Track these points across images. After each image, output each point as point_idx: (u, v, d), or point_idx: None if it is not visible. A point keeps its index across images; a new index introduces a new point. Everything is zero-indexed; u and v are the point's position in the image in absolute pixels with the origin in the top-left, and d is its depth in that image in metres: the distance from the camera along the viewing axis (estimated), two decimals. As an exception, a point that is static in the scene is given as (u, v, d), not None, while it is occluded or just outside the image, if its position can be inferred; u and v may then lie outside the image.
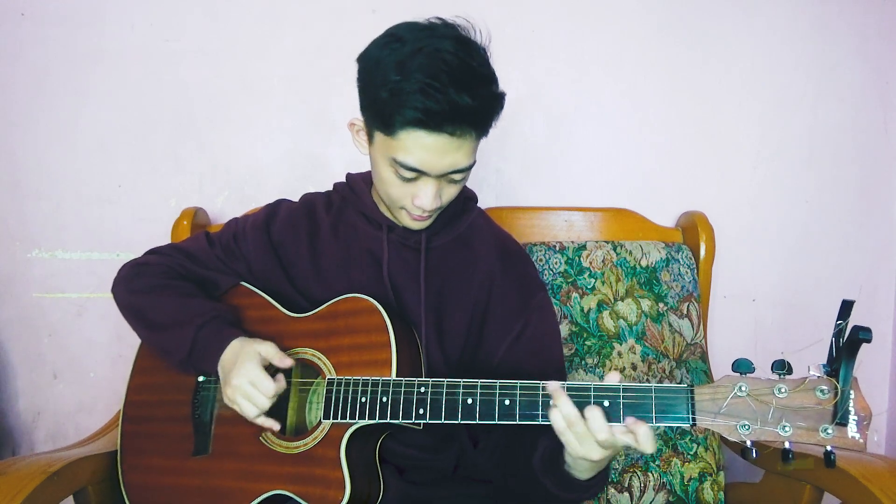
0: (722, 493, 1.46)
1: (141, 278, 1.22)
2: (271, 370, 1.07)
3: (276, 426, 1.07)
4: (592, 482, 1.01)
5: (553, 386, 0.93)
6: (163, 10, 1.72)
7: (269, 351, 1.08)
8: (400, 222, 1.14)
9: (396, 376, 1.03)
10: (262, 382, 1.05)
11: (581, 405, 0.92)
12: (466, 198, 1.22)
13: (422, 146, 0.97)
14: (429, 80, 0.93)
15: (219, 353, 1.11)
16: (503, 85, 1.68)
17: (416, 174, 1.01)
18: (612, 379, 0.93)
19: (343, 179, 1.27)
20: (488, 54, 1.02)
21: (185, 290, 1.20)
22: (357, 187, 1.22)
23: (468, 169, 1.04)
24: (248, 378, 1.05)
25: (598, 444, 0.90)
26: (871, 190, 1.78)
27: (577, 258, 1.57)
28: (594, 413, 0.90)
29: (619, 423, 0.90)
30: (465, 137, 0.98)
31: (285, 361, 1.08)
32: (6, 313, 1.82)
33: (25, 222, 1.79)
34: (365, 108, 1.04)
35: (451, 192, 1.08)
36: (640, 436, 0.89)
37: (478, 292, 1.18)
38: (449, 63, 0.94)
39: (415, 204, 1.05)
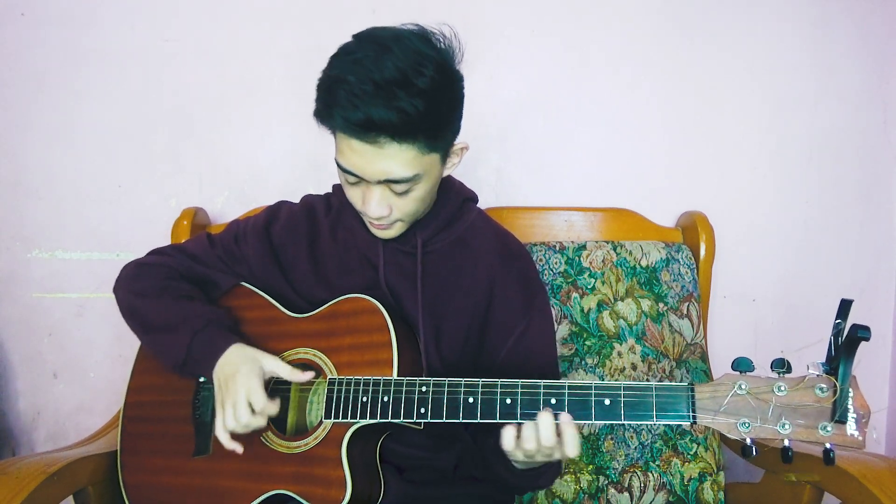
0: (722, 493, 1.46)
1: (141, 279, 1.22)
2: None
3: (238, 449, 1.06)
4: (542, 470, 1.08)
5: (564, 418, 0.95)
6: (163, 10, 1.72)
7: (276, 367, 1.09)
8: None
9: (398, 376, 1.04)
10: (255, 396, 1.05)
11: (581, 404, 0.94)
12: (465, 199, 1.22)
13: (351, 150, 0.99)
14: (352, 90, 0.94)
15: (214, 359, 1.11)
16: (504, 85, 1.71)
17: (356, 178, 1.02)
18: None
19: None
20: (454, 62, 1.01)
21: (184, 293, 1.20)
22: None
23: (408, 181, 1.01)
24: (245, 388, 1.05)
25: (542, 449, 0.95)
26: (871, 190, 1.78)
27: (577, 258, 1.57)
28: (546, 419, 0.94)
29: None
30: (390, 147, 0.97)
31: (297, 376, 1.08)
32: (6, 313, 1.82)
33: (25, 222, 1.79)
34: None
35: (403, 205, 1.05)
36: (566, 435, 0.93)
37: (478, 293, 1.18)
38: (381, 71, 0.93)
39: (363, 209, 1.05)
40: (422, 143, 0.98)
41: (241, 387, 1.05)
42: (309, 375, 1.09)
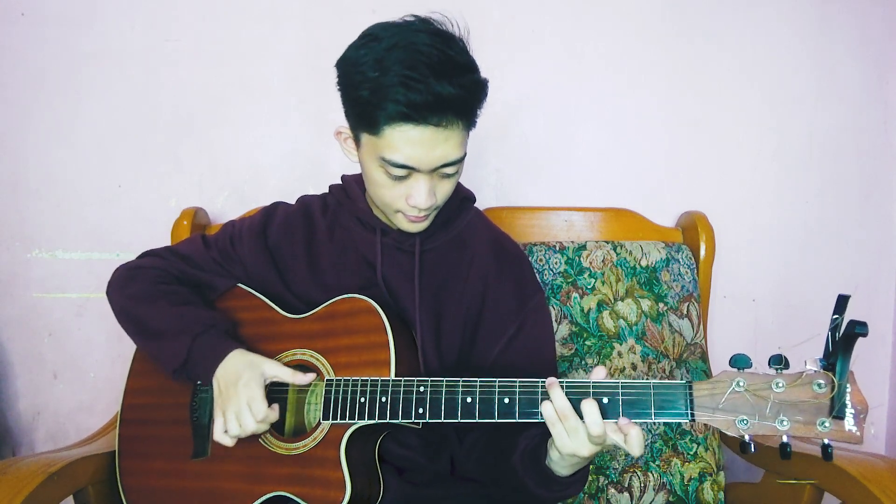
0: (722, 493, 1.46)
1: (135, 283, 1.21)
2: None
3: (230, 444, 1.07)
4: (573, 479, 1.02)
5: (551, 381, 0.93)
6: (163, 10, 1.72)
7: (277, 372, 1.08)
8: (396, 226, 1.13)
9: (395, 376, 1.03)
10: (256, 404, 1.04)
11: (579, 401, 0.92)
12: (463, 198, 1.21)
13: (408, 141, 0.96)
14: (408, 73, 0.92)
15: (214, 365, 1.10)
16: (504, 85, 1.71)
17: (406, 171, 1.00)
18: (599, 375, 0.94)
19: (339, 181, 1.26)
20: (467, 45, 1.02)
21: (181, 298, 1.19)
22: (351, 190, 1.20)
23: (459, 162, 1.02)
24: (246, 396, 1.05)
25: (590, 438, 0.91)
26: (871, 190, 1.78)
27: (577, 258, 1.57)
28: (591, 407, 0.90)
29: (611, 421, 0.91)
30: (452, 128, 0.97)
31: (298, 378, 1.08)
32: (6, 313, 1.82)
33: (25, 222, 1.79)
34: (348, 111, 1.04)
35: (444, 188, 1.06)
36: (632, 437, 0.89)
37: (472, 294, 1.17)
38: (427, 54, 0.93)
39: (409, 204, 1.04)
40: (469, 122, 1.00)
41: (242, 395, 1.05)
42: (310, 377, 1.08)
